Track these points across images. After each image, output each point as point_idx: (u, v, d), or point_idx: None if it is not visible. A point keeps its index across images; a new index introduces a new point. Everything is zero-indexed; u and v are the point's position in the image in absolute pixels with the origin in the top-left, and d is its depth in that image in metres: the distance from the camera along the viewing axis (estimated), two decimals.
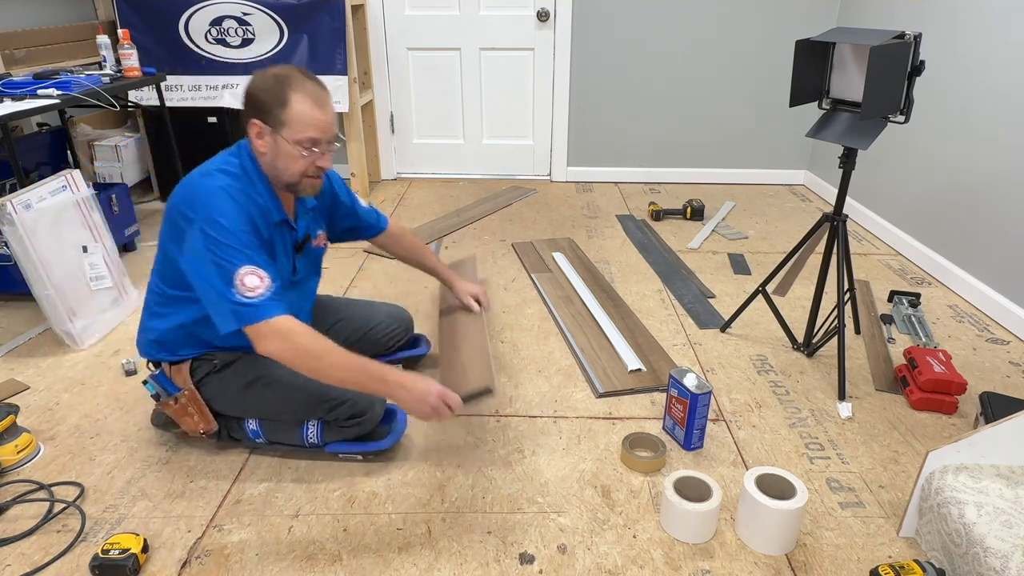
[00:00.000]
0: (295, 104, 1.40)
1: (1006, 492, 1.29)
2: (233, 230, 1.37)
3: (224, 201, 1.38)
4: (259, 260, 1.38)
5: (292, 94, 1.40)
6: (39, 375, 2.04)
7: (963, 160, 2.60)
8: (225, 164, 1.47)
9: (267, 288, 1.36)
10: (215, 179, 1.42)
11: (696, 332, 2.32)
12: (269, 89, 1.40)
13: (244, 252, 1.37)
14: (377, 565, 1.38)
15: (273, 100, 1.40)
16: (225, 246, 1.35)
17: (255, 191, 1.47)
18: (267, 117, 1.41)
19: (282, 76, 1.41)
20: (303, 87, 1.41)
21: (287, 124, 1.41)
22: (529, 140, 4.04)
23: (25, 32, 2.91)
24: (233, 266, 1.35)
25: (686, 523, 1.43)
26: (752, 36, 3.69)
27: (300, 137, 1.42)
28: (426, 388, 1.43)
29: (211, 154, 1.55)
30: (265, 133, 1.43)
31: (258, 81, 1.43)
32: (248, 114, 1.44)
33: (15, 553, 1.40)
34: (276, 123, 1.41)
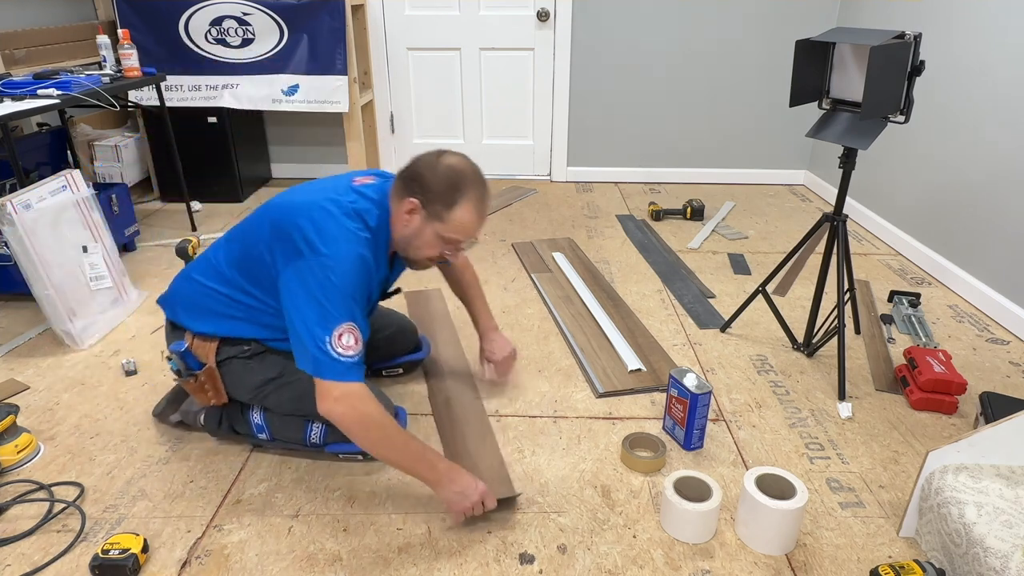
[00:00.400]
0: (462, 210, 1.41)
1: (1006, 492, 1.29)
2: (352, 289, 1.36)
3: (356, 264, 1.37)
4: (361, 322, 1.38)
5: (463, 200, 1.40)
6: (39, 375, 2.04)
7: (963, 160, 2.60)
8: (367, 213, 1.43)
9: (357, 352, 1.35)
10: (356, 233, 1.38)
11: (696, 332, 2.32)
12: (442, 182, 1.39)
13: (352, 310, 1.36)
14: (377, 565, 1.38)
15: (442, 195, 1.39)
16: (338, 297, 1.34)
17: (377, 253, 1.46)
18: (428, 204, 1.41)
19: (459, 174, 1.40)
20: (474, 194, 1.41)
21: (444, 222, 1.41)
22: (529, 140, 4.04)
23: (25, 32, 2.91)
24: (337, 319, 1.33)
25: (686, 523, 1.43)
26: (752, 36, 3.69)
27: (449, 236, 1.43)
28: (470, 486, 1.41)
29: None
30: (417, 214, 1.42)
31: (432, 165, 1.41)
32: (408, 188, 1.42)
33: (15, 553, 1.40)
34: (434, 214, 1.41)
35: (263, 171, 3.99)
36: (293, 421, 1.64)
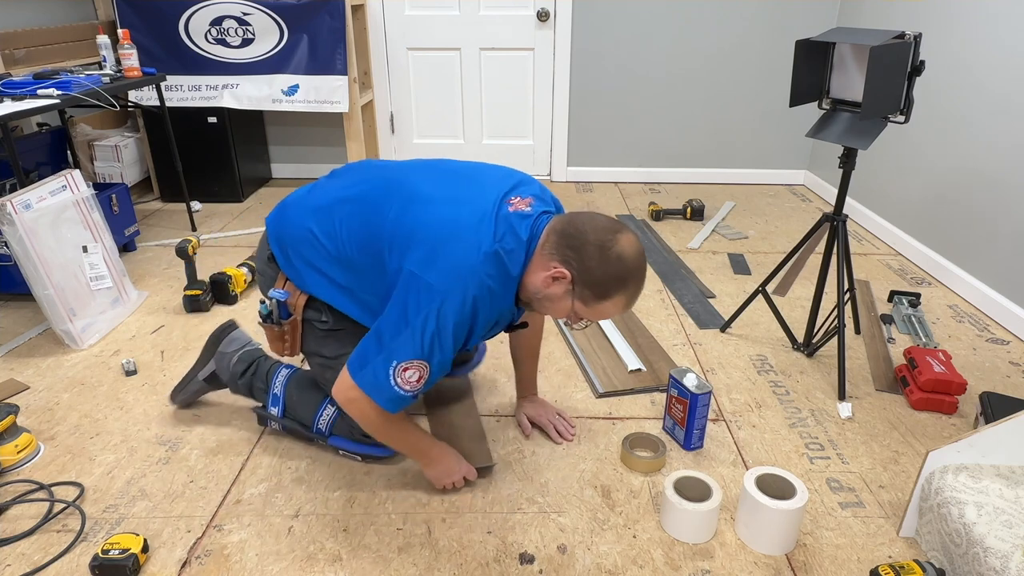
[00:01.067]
0: (611, 303, 1.27)
1: (1006, 492, 1.29)
2: (448, 331, 1.25)
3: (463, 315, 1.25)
4: (436, 367, 1.29)
5: (617, 295, 1.26)
6: (39, 375, 2.04)
7: (963, 160, 2.60)
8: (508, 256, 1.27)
9: (414, 390, 1.29)
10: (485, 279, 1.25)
11: (696, 332, 2.32)
12: (606, 274, 1.24)
13: (433, 350, 1.26)
14: (377, 565, 1.38)
15: (600, 285, 1.25)
16: (428, 333, 1.25)
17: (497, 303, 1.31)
18: (580, 283, 1.25)
19: (627, 270, 1.24)
20: (632, 290, 1.27)
21: (588, 305, 1.28)
22: (529, 140, 4.04)
23: (25, 32, 2.91)
24: (410, 352, 1.26)
25: (686, 523, 1.43)
26: (752, 36, 3.69)
27: (587, 316, 1.31)
28: (455, 467, 1.55)
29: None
30: (560, 285, 1.27)
31: (604, 248, 1.23)
32: (564, 255, 1.25)
33: (15, 553, 1.40)
34: (582, 294, 1.26)
35: (263, 171, 3.99)
36: (311, 398, 1.65)
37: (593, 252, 1.23)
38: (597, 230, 1.25)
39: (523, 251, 1.30)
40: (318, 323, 1.55)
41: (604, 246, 1.23)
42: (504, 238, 1.28)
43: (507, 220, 1.30)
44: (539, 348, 1.81)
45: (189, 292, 2.41)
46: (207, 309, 2.44)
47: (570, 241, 1.25)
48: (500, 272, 1.27)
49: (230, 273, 2.48)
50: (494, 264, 1.26)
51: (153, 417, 1.85)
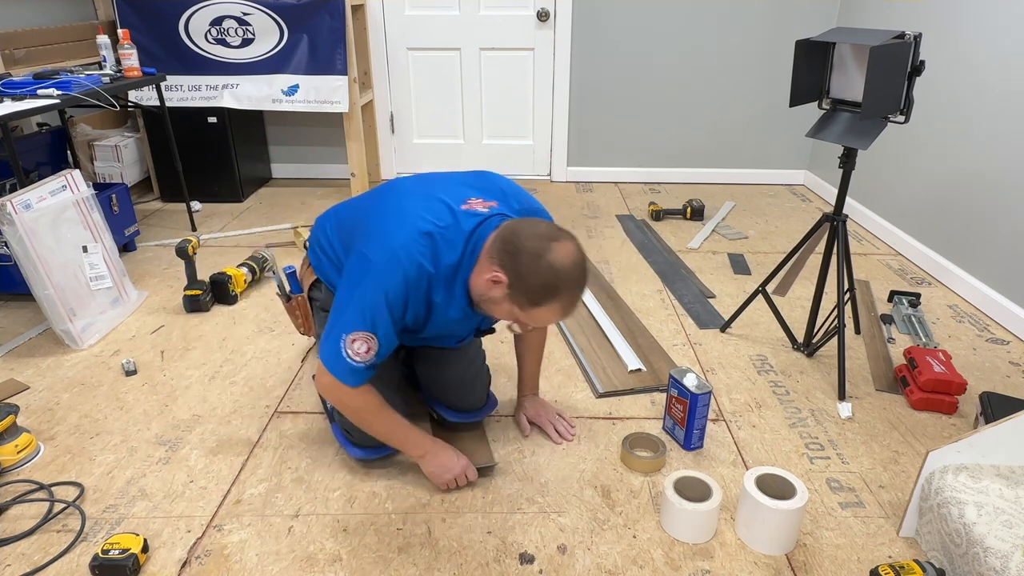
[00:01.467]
0: (546, 310, 1.29)
1: (1006, 492, 1.29)
2: (378, 306, 1.31)
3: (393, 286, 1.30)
4: (382, 334, 1.34)
5: (552, 303, 1.28)
6: (39, 375, 2.04)
7: (963, 160, 2.61)
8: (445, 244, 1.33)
9: (365, 360, 1.34)
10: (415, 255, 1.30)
11: (696, 332, 2.32)
12: (540, 281, 1.25)
13: (372, 323, 1.32)
14: (377, 565, 1.38)
15: (533, 291, 1.27)
16: (364, 306, 1.32)
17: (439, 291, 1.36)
18: (515, 292, 1.28)
19: (561, 280, 1.25)
20: (566, 300, 1.29)
21: (524, 311, 1.31)
22: (529, 140, 4.04)
23: (25, 32, 2.91)
24: (355, 324, 1.32)
25: (686, 523, 1.43)
26: (752, 36, 3.69)
27: (523, 321, 1.35)
28: (452, 462, 1.55)
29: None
30: (499, 289, 1.30)
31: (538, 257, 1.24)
32: (501, 260, 1.28)
33: (15, 553, 1.40)
34: (517, 299, 1.29)
35: (263, 171, 3.99)
36: None
37: (526, 259, 1.25)
38: (533, 237, 1.27)
39: (462, 241, 1.33)
40: (316, 301, 1.68)
41: (537, 254, 1.25)
42: (445, 224, 1.34)
43: (454, 213, 1.36)
44: (543, 345, 1.80)
45: (189, 292, 2.41)
46: (207, 309, 2.44)
47: (507, 246, 1.28)
48: (433, 253, 1.32)
49: (230, 273, 2.49)
50: (428, 244, 1.31)
51: (153, 417, 1.85)
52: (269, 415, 1.86)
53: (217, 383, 2.01)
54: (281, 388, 1.98)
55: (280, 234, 3.17)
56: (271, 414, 1.86)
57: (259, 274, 2.64)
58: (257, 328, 2.32)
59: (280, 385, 2.00)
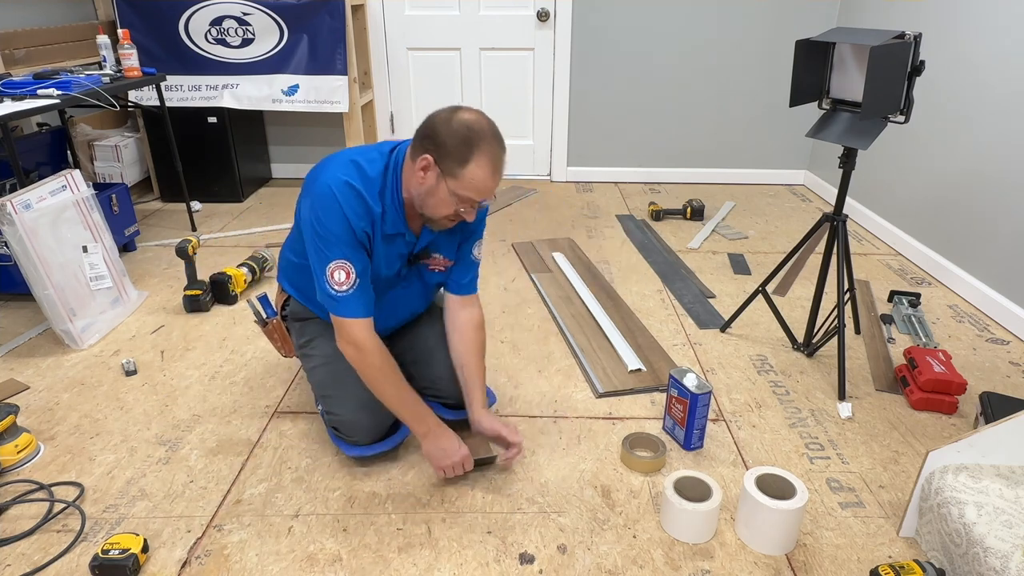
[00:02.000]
0: (475, 166, 1.37)
1: (1006, 492, 1.29)
2: (331, 228, 1.43)
3: (331, 204, 1.42)
4: (350, 255, 1.45)
5: (477, 155, 1.37)
6: (39, 375, 2.04)
7: (963, 160, 2.61)
8: (367, 162, 1.47)
9: (351, 284, 1.45)
10: (339, 176, 1.44)
11: (696, 332, 2.32)
12: (457, 137, 1.37)
13: (337, 247, 1.44)
14: (377, 565, 1.38)
15: (456, 150, 1.37)
16: (322, 237, 1.44)
17: (374, 201, 1.46)
18: (442, 161, 1.38)
19: (474, 131, 1.37)
20: (489, 151, 1.38)
21: (458, 178, 1.38)
22: (529, 140, 4.04)
23: (25, 32, 2.91)
24: (327, 258, 1.44)
25: (686, 523, 1.43)
26: (752, 36, 3.69)
27: (463, 194, 1.40)
28: (453, 448, 1.54)
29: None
30: (430, 170, 1.40)
31: (448, 121, 1.38)
32: (422, 145, 1.40)
33: (15, 553, 1.40)
34: (448, 171, 1.38)
35: (263, 171, 3.99)
36: None
37: (440, 127, 1.38)
38: (439, 113, 1.41)
39: (382, 156, 1.49)
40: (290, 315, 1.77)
41: (447, 119, 1.38)
42: (367, 152, 1.50)
43: (376, 147, 1.52)
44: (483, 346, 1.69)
45: (189, 292, 2.41)
46: (207, 309, 2.44)
47: (422, 132, 1.41)
48: (359, 173, 1.45)
49: (230, 273, 2.49)
50: (352, 167, 1.45)
51: (153, 417, 1.85)
52: (269, 415, 1.86)
53: (217, 383, 2.01)
54: (281, 388, 1.98)
55: (280, 234, 3.17)
56: (271, 414, 1.86)
57: (259, 274, 2.64)
58: (257, 328, 2.32)
59: (280, 385, 2.00)
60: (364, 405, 1.59)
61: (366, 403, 1.58)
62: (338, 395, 1.62)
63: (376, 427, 1.62)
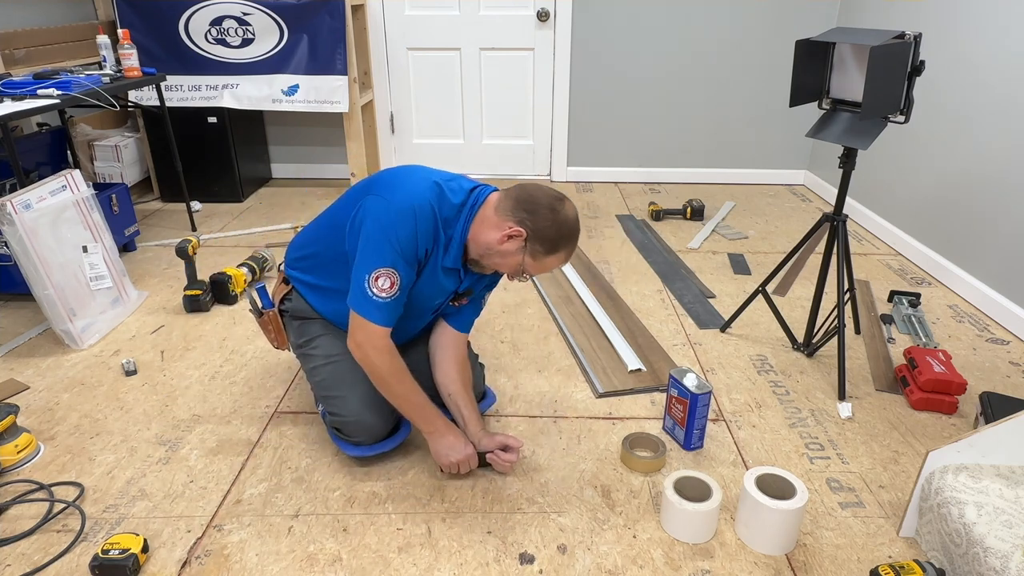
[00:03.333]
0: (555, 258, 1.47)
1: (1006, 492, 1.29)
2: (399, 237, 1.43)
3: (408, 217, 1.43)
4: (403, 268, 1.45)
5: (561, 251, 1.47)
6: (39, 375, 2.04)
7: (963, 160, 2.61)
8: (451, 192, 1.49)
9: (390, 295, 1.45)
10: (425, 194, 1.45)
11: (696, 332, 2.32)
12: (556, 231, 1.44)
13: (395, 256, 1.43)
14: (377, 565, 1.38)
15: (550, 241, 1.44)
16: (384, 242, 1.43)
17: (446, 232, 1.49)
18: (532, 241, 1.44)
19: (570, 231, 1.46)
20: (571, 249, 1.49)
21: (536, 260, 1.47)
22: (529, 140, 4.04)
23: (25, 32, 2.91)
24: (379, 262, 1.44)
25: (686, 523, 1.43)
26: (752, 36, 3.69)
27: (531, 272, 1.50)
28: (459, 445, 1.57)
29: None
30: (515, 242, 1.44)
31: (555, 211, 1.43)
32: (517, 215, 1.44)
33: (15, 553, 1.40)
34: (531, 249, 1.45)
35: (263, 171, 3.99)
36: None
37: (546, 213, 1.44)
38: (548, 197, 1.46)
39: (464, 192, 1.51)
40: (289, 313, 1.75)
41: (554, 208, 1.45)
42: (449, 178, 1.53)
43: (453, 176, 1.55)
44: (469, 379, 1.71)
45: (189, 292, 2.41)
46: (207, 309, 2.44)
47: (525, 205, 1.45)
48: (439, 197, 1.47)
49: (230, 273, 2.49)
50: (436, 190, 1.47)
51: (153, 417, 1.85)
52: (269, 415, 1.86)
53: (217, 383, 2.01)
54: (281, 388, 1.98)
55: (280, 234, 3.17)
56: (271, 414, 1.86)
57: (259, 274, 2.64)
58: (257, 328, 2.32)
59: (280, 385, 2.00)
60: (367, 405, 1.59)
61: (369, 403, 1.59)
62: (341, 395, 1.61)
63: (379, 427, 1.62)
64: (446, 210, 1.47)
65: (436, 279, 1.55)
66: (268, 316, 1.80)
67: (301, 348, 1.72)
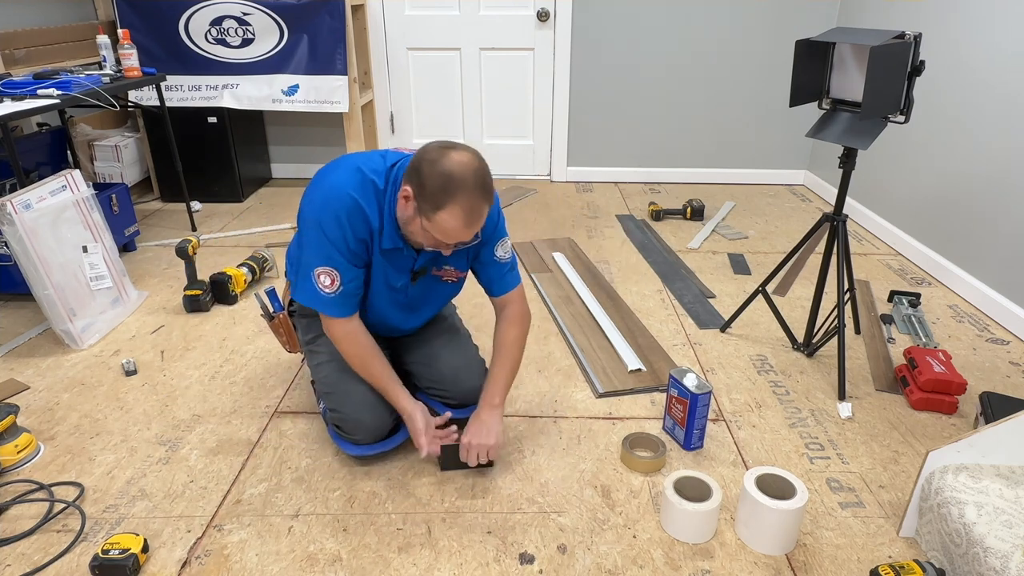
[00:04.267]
0: (447, 214, 1.35)
1: (1006, 492, 1.30)
2: (328, 234, 1.45)
3: (332, 212, 1.43)
4: (339, 263, 1.47)
5: (451, 205, 1.34)
6: (39, 375, 2.04)
7: (963, 160, 2.61)
8: (372, 172, 1.46)
9: (335, 290, 1.49)
10: (344, 185, 1.44)
11: (696, 332, 2.32)
12: (437, 181, 1.33)
13: (329, 253, 1.46)
14: (377, 565, 1.38)
15: (432, 195, 1.34)
16: (317, 240, 1.46)
17: (374, 216, 1.46)
18: (419, 199, 1.37)
19: (455, 180, 1.33)
20: (465, 202, 1.34)
21: (430, 220, 1.37)
22: (529, 140, 4.04)
23: (25, 32, 2.91)
24: (316, 261, 1.47)
25: (686, 523, 1.43)
26: (752, 36, 3.69)
27: (433, 237, 1.41)
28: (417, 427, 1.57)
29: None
30: (410, 202, 1.39)
31: (434, 162, 1.34)
32: (408, 175, 1.39)
33: (15, 553, 1.40)
34: (422, 210, 1.37)
35: (263, 171, 3.99)
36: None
37: (425, 167, 1.35)
38: (432, 149, 1.37)
39: (385, 170, 1.48)
40: (296, 312, 1.76)
41: (433, 160, 1.35)
42: (372, 160, 1.50)
43: (383, 155, 1.52)
44: (518, 343, 1.66)
45: (189, 292, 2.41)
46: (207, 309, 2.44)
47: (413, 163, 1.39)
48: (361, 183, 1.45)
49: (230, 273, 2.49)
50: (357, 176, 1.45)
51: (153, 417, 1.85)
52: (269, 415, 1.86)
53: (217, 383, 2.01)
54: (281, 388, 1.98)
55: (280, 234, 3.17)
56: (271, 414, 1.86)
57: (259, 274, 2.64)
58: (257, 328, 2.32)
59: (280, 385, 2.00)
60: (368, 403, 1.60)
61: (370, 402, 1.60)
62: (343, 392, 1.62)
63: (379, 426, 1.62)
64: (369, 195, 1.45)
65: (388, 262, 1.54)
66: (279, 319, 1.82)
67: (308, 344, 1.74)
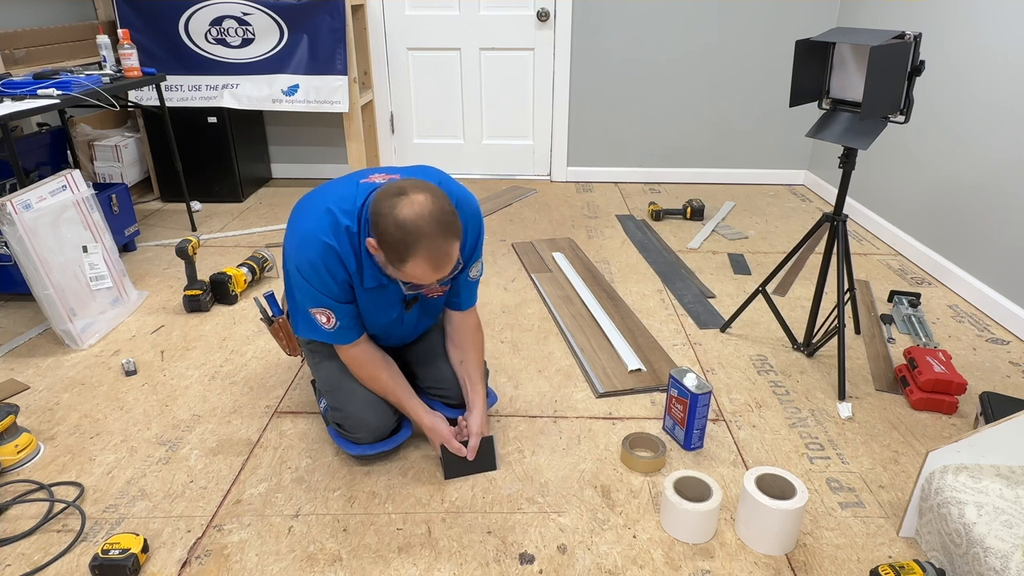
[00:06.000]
0: (413, 265, 1.32)
1: (1006, 492, 1.30)
2: (311, 282, 1.46)
3: (310, 263, 1.43)
4: (330, 304, 1.48)
5: (414, 257, 1.30)
6: (39, 375, 2.04)
7: (963, 160, 2.60)
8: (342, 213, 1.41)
9: (333, 326, 1.51)
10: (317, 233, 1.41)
11: (696, 332, 2.32)
12: (394, 237, 1.29)
13: (317, 298, 1.47)
14: (377, 565, 1.38)
15: (394, 249, 1.31)
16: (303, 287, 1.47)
17: (349, 259, 1.44)
18: (383, 250, 1.34)
19: (410, 232, 1.27)
20: (427, 250, 1.29)
21: (399, 270, 1.35)
22: (529, 140, 4.04)
23: (25, 32, 2.91)
24: (309, 304, 1.50)
25: (686, 523, 1.43)
26: (752, 36, 3.69)
27: (414, 284, 1.45)
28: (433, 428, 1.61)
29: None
30: (379, 252, 1.36)
31: (387, 216, 1.29)
32: (372, 226, 1.34)
33: (15, 553, 1.40)
34: (391, 259, 1.34)
35: (263, 171, 3.99)
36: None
37: (380, 221, 1.31)
38: (384, 197, 1.32)
39: (355, 210, 1.42)
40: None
41: (384, 214, 1.30)
42: (344, 197, 1.44)
43: (357, 186, 1.46)
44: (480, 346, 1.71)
45: (189, 292, 2.41)
46: (207, 309, 2.44)
47: (371, 214, 1.34)
48: (334, 227, 1.41)
49: (230, 273, 2.49)
50: (328, 219, 1.42)
51: (153, 417, 1.85)
52: (269, 415, 1.86)
53: (217, 383, 2.01)
54: (281, 388, 1.98)
55: (280, 234, 3.17)
56: (271, 414, 1.86)
57: (259, 274, 2.64)
58: (257, 328, 2.32)
59: (280, 385, 2.00)
60: (370, 402, 1.61)
61: (372, 401, 1.61)
62: (347, 391, 1.62)
63: (381, 425, 1.62)
64: (343, 239, 1.42)
65: (376, 297, 1.54)
66: (278, 323, 1.82)
67: (308, 345, 1.73)
